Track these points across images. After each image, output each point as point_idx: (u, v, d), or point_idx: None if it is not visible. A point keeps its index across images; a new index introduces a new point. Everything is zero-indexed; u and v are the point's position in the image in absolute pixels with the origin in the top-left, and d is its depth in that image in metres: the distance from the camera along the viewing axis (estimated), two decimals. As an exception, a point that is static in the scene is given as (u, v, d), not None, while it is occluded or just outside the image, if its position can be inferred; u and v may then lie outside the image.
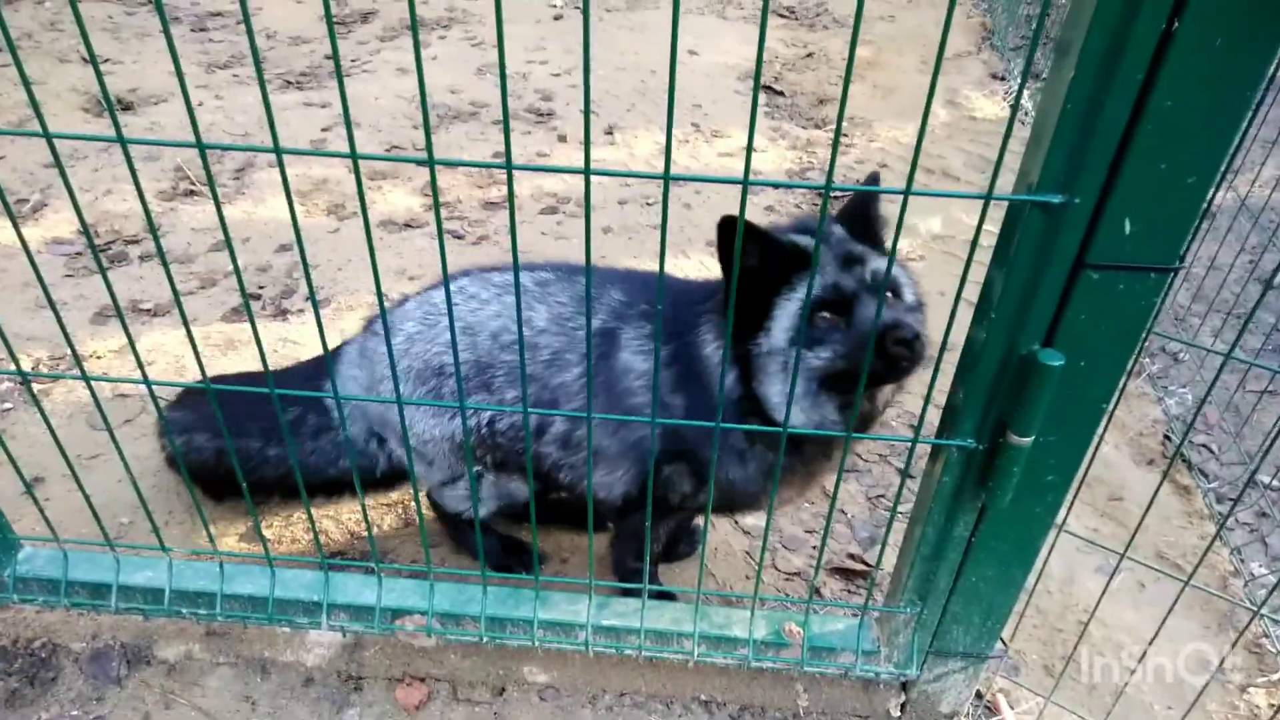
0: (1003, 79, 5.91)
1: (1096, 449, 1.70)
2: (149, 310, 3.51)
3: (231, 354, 3.31)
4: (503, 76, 1.22)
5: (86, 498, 1.95)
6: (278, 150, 1.40)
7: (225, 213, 4.20)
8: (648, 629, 2.09)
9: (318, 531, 2.05)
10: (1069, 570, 2.61)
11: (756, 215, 4.14)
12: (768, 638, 2.09)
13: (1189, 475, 2.93)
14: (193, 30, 6.28)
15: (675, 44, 1.15)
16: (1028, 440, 1.60)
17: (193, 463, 2.51)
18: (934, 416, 1.75)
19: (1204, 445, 3.04)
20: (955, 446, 1.69)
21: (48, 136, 1.43)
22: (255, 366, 2.98)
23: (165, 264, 1.47)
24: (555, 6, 6.84)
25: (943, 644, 2.04)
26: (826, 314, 1.82)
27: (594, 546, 2.37)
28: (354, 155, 1.44)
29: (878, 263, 1.89)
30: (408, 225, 4.12)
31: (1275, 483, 2.91)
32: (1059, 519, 1.81)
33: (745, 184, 1.37)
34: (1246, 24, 1.20)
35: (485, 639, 2.13)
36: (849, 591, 2.60)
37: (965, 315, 1.56)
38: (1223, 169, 1.37)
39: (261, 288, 3.67)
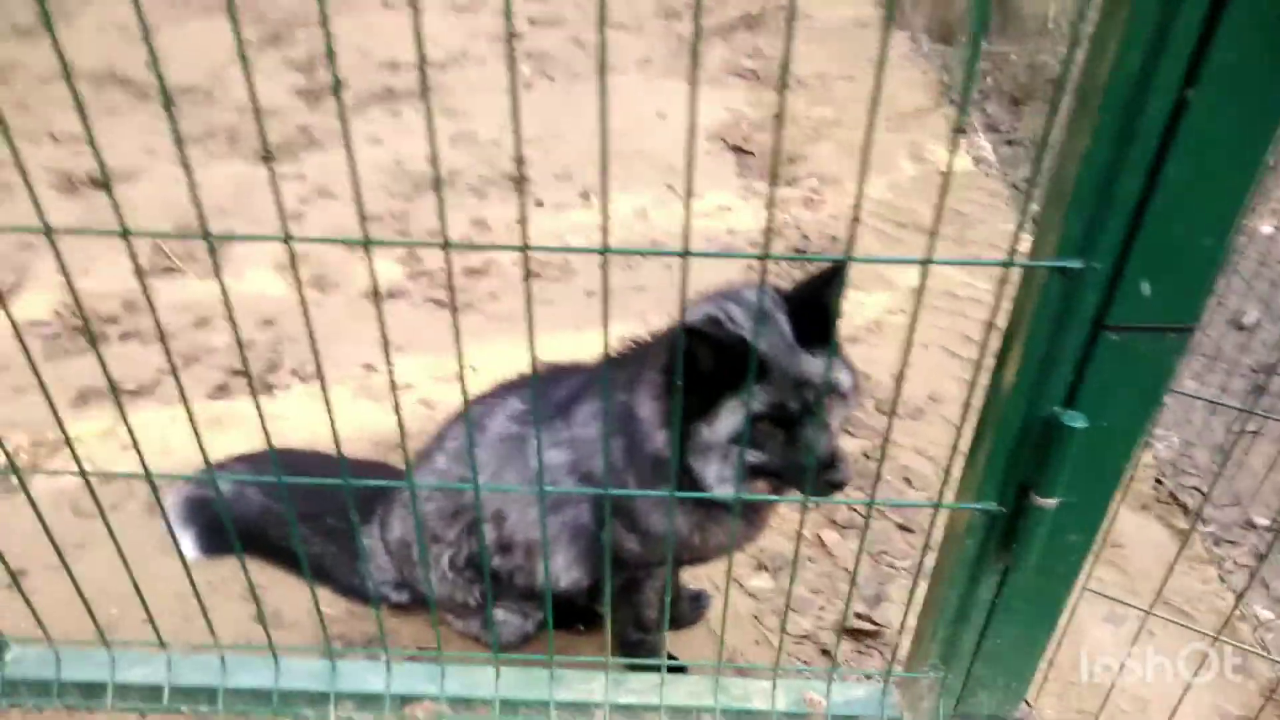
0: (964, 132, 6.04)
1: (1118, 508, 1.69)
2: (131, 390, 3.41)
3: (217, 431, 3.22)
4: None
5: (79, 589, 1.87)
6: (289, 238, 1.37)
7: (203, 290, 4.17)
8: (667, 705, 2.03)
9: (323, 615, 1.98)
10: (1076, 619, 2.58)
11: (736, 274, 4.14)
12: (790, 709, 2.04)
13: (1185, 519, 2.94)
14: (162, 107, 6.24)
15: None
16: (1052, 502, 1.58)
17: (237, 507, 2.64)
18: (924, 469, 1.73)
19: (1195, 488, 3.05)
20: (978, 510, 1.67)
21: (47, 232, 1.39)
22: (248, 445, 2.93)
23: (163, 338, 1.43)
24: (524, 75, 6.89)
25: (967, 708, 2.01)
26: (768, 425, 1.86)
27: (607, 623, 2.32)
28: (367, 242, 1.42)
29: (830, 374, 1.89)
30: (390, 295, 4.08)
31: (1271, 523, 2.92)
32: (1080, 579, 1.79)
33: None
34: (1257, 91, 1.21)
35: (499, 723, 2.05)
36: (859, 652, 2.55)
37: (957, 370, 1.55)
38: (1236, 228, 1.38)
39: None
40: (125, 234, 1.43)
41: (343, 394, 3.42)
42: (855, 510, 3.00)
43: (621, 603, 2.28)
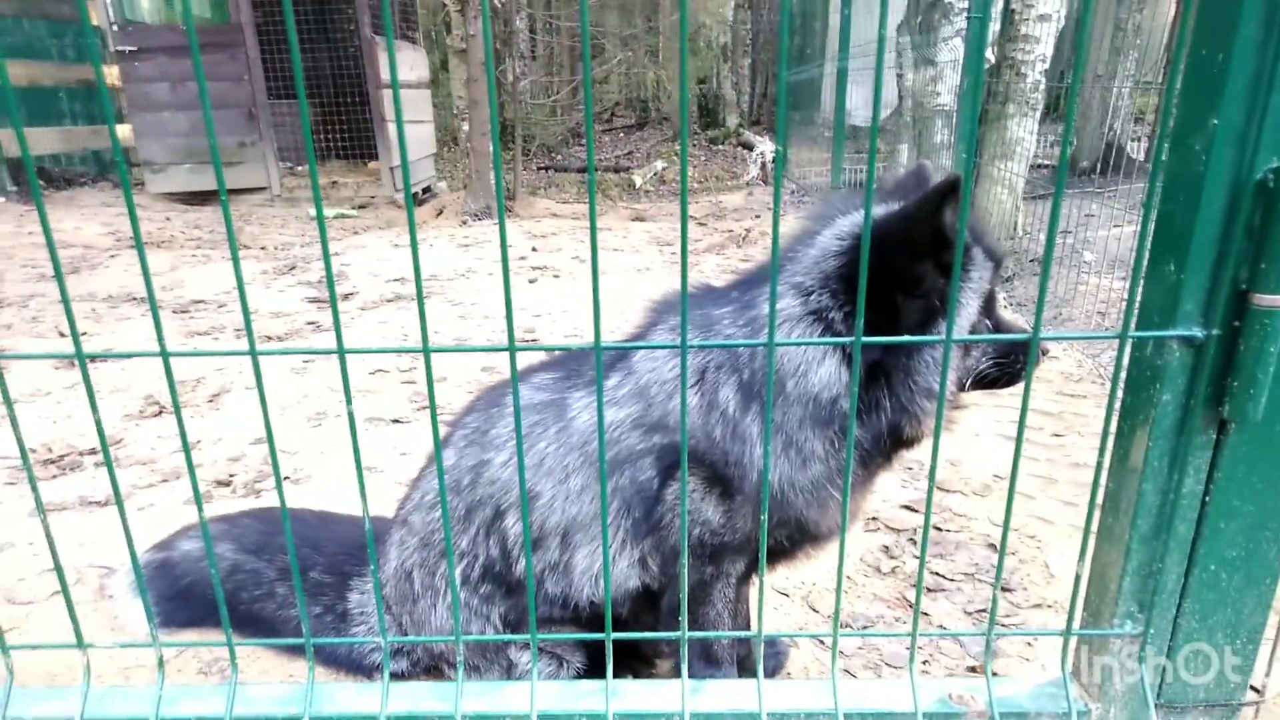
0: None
1: None
2: (97, 502, 2.90)
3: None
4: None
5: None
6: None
7: (197, 426, 3.72)
8: (771, 713, 1.41)
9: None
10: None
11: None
12: (934, 708, 1.43)
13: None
14: (173, 312, 6.08)
15: None
16: (1282, 297, 1.14)
17: (203, 570, 2.10)
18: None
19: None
20: (1176, 339, 1.21)
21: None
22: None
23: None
24: (531, 275, 6.93)
25: (1176, 691, 1.40)
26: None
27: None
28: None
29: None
30: (395, 420, 3.65)
31: None
32: None
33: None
34: None
35: (536, 755, 1.41)
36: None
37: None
38: None
39: (233, 475, 3.10)
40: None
41: (336, 496, 2.91)
42: (941, 575, 2.43)
43: (691, 624, 1.69)
